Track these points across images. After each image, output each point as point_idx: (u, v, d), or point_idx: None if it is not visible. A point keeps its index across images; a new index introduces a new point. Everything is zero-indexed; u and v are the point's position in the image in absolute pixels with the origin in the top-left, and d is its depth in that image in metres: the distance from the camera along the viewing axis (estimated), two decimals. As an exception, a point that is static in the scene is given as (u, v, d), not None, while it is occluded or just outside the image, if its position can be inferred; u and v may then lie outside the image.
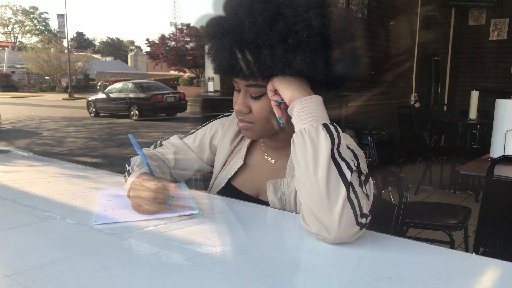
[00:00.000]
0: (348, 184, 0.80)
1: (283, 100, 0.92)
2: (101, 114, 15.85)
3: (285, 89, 0.91)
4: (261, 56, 0.89)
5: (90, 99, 16.60)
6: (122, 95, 15.44)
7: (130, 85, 16.01)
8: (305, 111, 0.86)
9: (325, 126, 0.84)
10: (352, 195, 0.80)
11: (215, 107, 3.92)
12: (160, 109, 15.26)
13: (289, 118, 0.92)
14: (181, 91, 17.11)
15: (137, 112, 14.76)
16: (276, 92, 0.94)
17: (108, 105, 15.77)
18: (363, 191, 0.85)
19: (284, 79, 0.92)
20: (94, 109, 16.02)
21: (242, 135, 1.20)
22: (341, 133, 0.85)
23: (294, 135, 0.86)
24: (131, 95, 15.21)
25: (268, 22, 0.88)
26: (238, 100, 1.01)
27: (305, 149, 0.83)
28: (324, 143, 0.82)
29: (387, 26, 5.51)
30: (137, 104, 14.83)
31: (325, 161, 0.80)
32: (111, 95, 15.72)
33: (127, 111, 15.00)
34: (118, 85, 16.51)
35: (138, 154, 1.18)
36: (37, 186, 1.22)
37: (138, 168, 1.06)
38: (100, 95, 16.35)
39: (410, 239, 0.85)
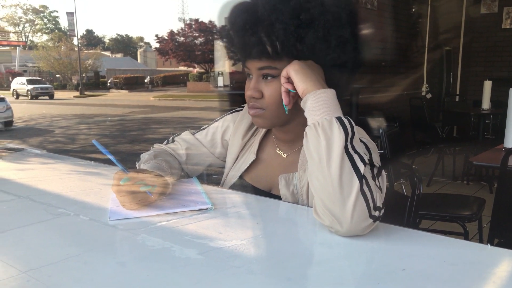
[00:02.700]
0: (361, 177, 0.80)
1: (294, 90, 0.93)
2: None
3: (300, 80, 0.90)
4: (274, 32, 0.91)
5: None
6: None
7: None
8: (319, 104, 0.86)
9: (339, 119, 0.83)
10: (365, 188, 0.80)
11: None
12: None
13: (300, 110, 0.92)
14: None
15: None
16: (289, 80, 0.94)
17: None
18: (376, 184, 0.84)
19: (301, 70, 0.91)
20: None
21: (254, 129, 1.20)
22: (355, 126, 0.85)
23: (307, 128, 0.86)
24: None
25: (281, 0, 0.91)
26: (250, 85, 1.01)
27: (318, 141, 0.82)
28: (337, 136, 0.81)
29: (396, 16, 5.45)
30: None
31: (339, 154, 0.80)
32: None
33: None
34: None
35: (148, 150, 1.21)
36: (50, 183, 1.24)
37: (144, 165, 1.08)
38: None
39: (423, 231, 0.85)
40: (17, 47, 44.09)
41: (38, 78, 33.52)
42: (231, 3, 1.01)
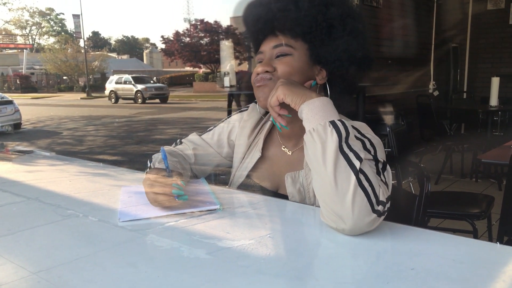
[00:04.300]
0: (357, 172, 0.81)
1: (290, 115, 0.96)
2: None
3: (294, 97, 0.92)
4: (298, 3, 1.00)
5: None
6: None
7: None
8: (313, 112, 0.88)
9: (332, 122, 0.85)
10: (365, 183, 0.81)
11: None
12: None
13: None
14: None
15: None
16: (281, 105, 0.96)
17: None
18: (381, 179, 0.85)
19: (289, 89, 0.93)
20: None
21: (259, 128, 1.20)
22: (349, 127, 0.86)
23: (304, 136, 0.88)
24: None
25: None
26: (263, 62, 1.06)
27: (314, 146, 0.84)
28: (330, 138, 0.83)
29: (402, 14, 5.42)
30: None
31: (333, 154, 0.82)
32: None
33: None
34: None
35: (158, 151, 1.21)
36: (59, 184, 1.25)
37: (159, 164, 1.08)
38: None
39: (432, 230, 0.84)
40: (24, 50, 44.38)
41: (144, 75, 26.25)
42: (241, 4, 1.05)
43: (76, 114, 16.44)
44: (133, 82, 22.30)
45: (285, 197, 1.09)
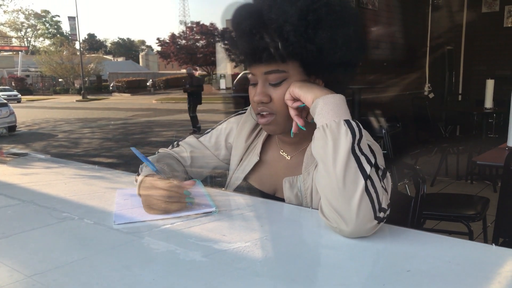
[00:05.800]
0: (367, 177, 0.81)
1: (303, 104, 0.94)
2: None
3: (306, 92, 0.93)
4: (283, 34, 0.91)
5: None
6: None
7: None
8: (328, 107, 0.87)
9: (347, 121, 0.85)
10: (371, 189, 0.81)
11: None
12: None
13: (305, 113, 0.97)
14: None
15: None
16: (294, 101, 0.96)
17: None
18: (381, 186, 0.85)
19: (303, 85, 0.94)
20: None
21: (257, 131, 1.20)
22: (363, 130, 0.86)
23: (316, 131, 0.88)
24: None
25: (288, 1, 0.91)
26: (257, 90, 1.00)
27: (326, 142, 0.84)
28: (344, 137, 0.83)
29: (398, 16, 5.44)
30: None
31: (345, 154, 0.81)
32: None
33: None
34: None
35: (154, 154, 1.20)
36: (54, 187, 1.24)
37: (146, 168, 1.07)
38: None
39: (428, 232, 0.84)
40: (20, 52, 44.27)
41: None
42: (234, 6, 1.01)
43: (72, 116, 16.39)
44: None
45: (282, 200, 1.08)
